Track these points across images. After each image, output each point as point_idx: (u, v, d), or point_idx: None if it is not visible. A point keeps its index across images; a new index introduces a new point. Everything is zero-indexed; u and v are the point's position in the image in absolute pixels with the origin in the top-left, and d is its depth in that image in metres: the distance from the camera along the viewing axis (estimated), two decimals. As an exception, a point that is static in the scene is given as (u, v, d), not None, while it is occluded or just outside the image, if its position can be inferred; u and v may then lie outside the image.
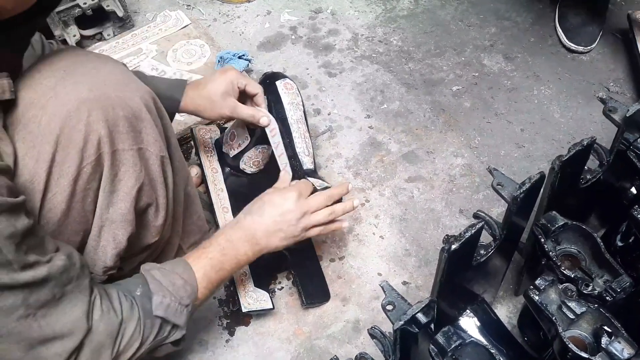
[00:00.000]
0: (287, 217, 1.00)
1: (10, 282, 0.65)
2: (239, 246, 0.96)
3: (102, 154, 0.79)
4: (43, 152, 0.75)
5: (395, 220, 1.33)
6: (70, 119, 0.76)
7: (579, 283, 0.86)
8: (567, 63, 1.65)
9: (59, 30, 1.60)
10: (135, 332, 0.80)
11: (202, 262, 0.91)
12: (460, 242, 0.79)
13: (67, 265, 0.73)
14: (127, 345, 0.79)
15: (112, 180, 0.82)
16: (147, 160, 0.85)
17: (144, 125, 0.83)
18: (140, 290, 0.83)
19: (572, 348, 0.78)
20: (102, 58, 0.85)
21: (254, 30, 1.76)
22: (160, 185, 0.88)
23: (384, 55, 1.69)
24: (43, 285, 0.69)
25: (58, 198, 0.78)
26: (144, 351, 0.82)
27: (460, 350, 0.82)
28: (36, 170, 0.75)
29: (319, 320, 1.18)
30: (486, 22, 1.77)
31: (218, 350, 1.14)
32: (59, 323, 0.71)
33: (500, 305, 1.18)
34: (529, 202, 0.92)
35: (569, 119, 1.52)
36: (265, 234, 0.99)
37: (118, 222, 0.84)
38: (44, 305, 0.70)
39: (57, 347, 0.72)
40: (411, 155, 1.45)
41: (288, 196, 1.01)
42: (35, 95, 0.76)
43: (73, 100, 0.76)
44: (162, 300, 0.83)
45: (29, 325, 0.69)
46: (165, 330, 0.85)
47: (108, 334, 0.77)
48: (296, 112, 1.20)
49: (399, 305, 0.77)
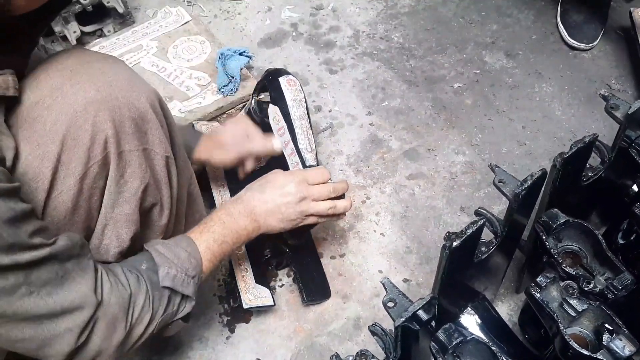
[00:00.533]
0: (286, 199, 1.00)
1: (11, 263, 0.65)
2: (239, 220, 0.97)
3: (108, 154, 0.79)
4: (48, 151, 0.75)
5: (396, 218, 1.33)
6: (77, 119, 0.76)
7: (580, 280, 0.86)
8: (569, 60, 1.64)
9: (59, 27, 1.60)
10: (145, 305, 0.80)
11: (204, 236, 0.92)
12: (462, 239, 0.79)
13: (68, 245, 0.73)
14: (139, 318, 0.79)
15: (118, 182, 0.82)
16: (152, 160, 0.85)
17: (149, 126, 0.83)
18: (145, 264, 0.84)
19: (574, 345, 0.78)
20: (108, 59, 0.85)
21: (254, 27, 1.76)
22: (165, 186, 0.88)
23: (385, 52, 1.68)
24: (44, 264, 0.69)
25: (64, 197, 0.78)
26: (155, 326, 0.82)
27: (462, 347, 0.82)
28: (41, 170, 0.75)
29: (320, 317, 1.17)
30: (488, 19, 1.77)
31: (218, 347, 1.14)
32: (67, 299, 0.71)
33: (501, 303, 1.17)
34: (530, 200, 0.92)
35: (571, 116, 1.51)
36: (263, 211, 0.99)
37: (122, 222, 0.84)
38: (47, 284, 0.69)
39: (68, 322, 0.72)
40: (412, 152, 1.45)
41: (292, 179, 1.02)
42: (41, 95, 0.76)
43: (80, 101, 0.76)
44: (168, 272, 0.83)
45: (34, 302, 0.68)
46: (175, 302, 0.85)
47: (120, 306, 0.77)
48: (299, 109, 1.20)
49: (400, 302, 0.77)
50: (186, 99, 1.48)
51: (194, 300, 0.88)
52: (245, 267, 1.16)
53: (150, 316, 0.81)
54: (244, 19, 1.78)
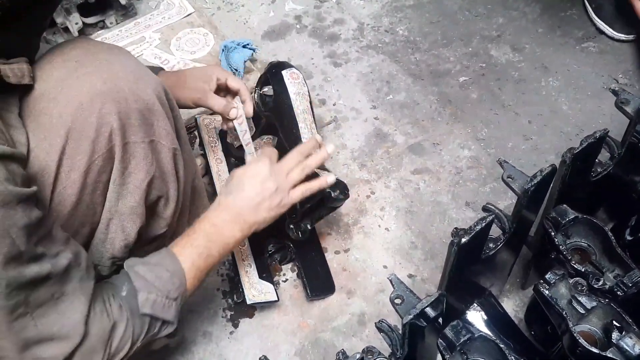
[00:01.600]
0: (267, 185, 0.93)
1: (17, 277, 0.64)
2: (224, 230, 0.91)
3: (113, 147, 0.78)
4: (54, 144, 0.74)
5: (401, 213, 1.32)
6: (83, 111, 0.74)
7: (589, 277, 0.85)
8: (576, 54, 1.62)
9: (61, 18, 1.58)
10: (126, 334, 0.77)
11: (187, 251, 0.86)
12: (471, 236, 0.78)
13: (71, 265, 0.71)
14: (119, 347, 0.76)
15: (122, 173, 0.80)
16: (159, 153, 0.84)
17: (156, 118, 0.82)
18: (125, 289, 0.79)
19: (583, 343, 0.77)
20: (114, 49, 0.83)
21: (258, 19, 1.74)
22: (172, 178, 0.87)
23: (390, 45, 1.67)
24: (44, 284, 0.67)
25: (68, 191, 0.76)
26: (136, 348, 0.79)
27: (469, 344, 0.81)
28: (47, 163, 0.74)
29: (324, 313, 1.17)
30: (494, 12, 1.75)
31: (222, 342, 1.13)
32: (56, 325, 0.69)
33: (506, 299, 1.16)
34: (539, 195, 0.91)
35: (577, 111, 1.50)
36: (251, 209, 0.93)
37: (127, 215, 0.83)
38: (41, 305, 0.68)
39: (54, 349, 0.70)
40: (417, 147, 1.44)
41: (260, 164, 0.96)
42: (46, 87, 0.75)
43: (85, 93, 0.75)
44: (147, 297, 0.79)
45: (25, 324, 0.67)
46: (156, 327, 0.82)
47: (99, 338, 0.74)
48: (302, 102, 1.19)
49: (407, 299, 0.76)
50: (189, 92, 1.46)
51: (175, 324, 0.84)
52: (249, 262, 1.15)
53: (131, 343, 0.78)
54: (247, 11, 1.76)
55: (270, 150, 1.02)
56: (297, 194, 0.98)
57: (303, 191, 0.99)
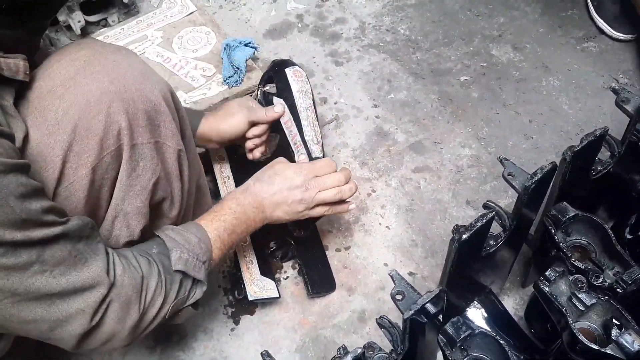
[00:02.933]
0: (294, 192, 0.99)
1: (24, 239, 0.64)
2: (248, 211, 0.96)
3: (121, 146, 0.79)
4: (60, 140, 0.74)
5: (401, 211, 1.32)
6: (91, 109, 0.75)
7: (589, 274, 0.85)
8: (576, 54, 1.63)
9: (63, 16, 1.59)
10: (158, 288, 0.79)
11: (214, 225, 0.91)
12: (471, 232, 0.78)
13: (80, 225, 0.72)
14: (152, 301, 0.79)
15: (130, 175, 0.81)
16: (164, 154, 0.85)
17: (162, 119, 0.82)
18: (156, 249, 0.83)
19: (583, 340, 0.78)
20: (121, 50, 0.84)
21: (260, 18, 1.75)
22: (176, 179, 0.88)
23: (392, 44, 1.67)
24: (58, 242, 0.68)
25: (76, 186, 0.77)
26: (168, 310, 0.81)
27: (470, 340, 0.82)
28: (51, 158, 0.74)
29: (325, 310, 1.17)
30: (495, 12, 1.75)
31: (223, 338, 1.14)
32: (80, 279, 0.71)
33: (507, 297, 1.17)
34: (539, 193, 0.91)
35: (578, 110, 1.50)
36: (271, 203, 0.99)
37: (132, 214, 0.84)
38: (60, 263, 0.69)
39: (80, 302, 0.71)
40: (418, 145, 1.44)
41: (300, 171, 1.01)
42: (53, 85, 0.76)
43: (94, 91, 0.76)
44: (180, 256, 0.83)
45: (47, 281, 0.68)
46: (186, 287, 0.84)
47: (133, 288, 0.76)
48: (305, 100, 1.19)
49: (408, 295, 0.76)
50: (191, 90, 1.47)
51: (205, 285, 0.87)
52: (251, 259, 1.16)
53: (163, 299, 0.80)
54: (249, 10, 1.77)
55: (325, 163, 1.05)
56: (318, 212, 1.04)
57: (325, 211, 1.04)
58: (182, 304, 0.85)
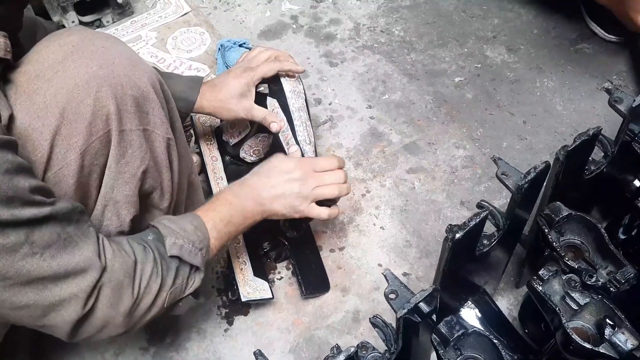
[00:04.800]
0: (291, 185, 0.98)
1: (11, 219, 0.63)
2: (245, 202, 0.95)
3: (110, 131, 0.78)
4: (47, 123, 0.74)
5: (396, 211, 1.32)
6: (79, 92, 0.75)
7: (582, 274, 0.85)
8: (570, 55, 1.63)
9: (57, 16, 1.58)
10: (153, 274, 0.78)
11: (210, 215, 0.90)
12: (465, 231, 0.78)
13: (69, 208, 0.71)
14: (147, 287, 0.78)
15: (119, 161, 0.81)
16: (153, 142, 0.84)
17: (151, 107, 0.82)
18: (151, 236, 0.83)
19: (576, 339, 0.78)
20: (110, 38, 0.84)
21: (254, 19, 1.74)
22: (166, 169, 0.87)
23: (386, 45, 1.67)
24: (46, 224, 0.67)
25: (65, 172, 0.76)
26: (165, 298, 0.80)
27: (463, 340, 0.81)
28: (40, 142, 0.74)
29: (319, 310, 1.17)
30: (489, 14, 1.76)
31: (216, 339, 1.13)
32: (71, 262, 0.70)
33: (500, 297, 1.17)
34: (533, 193, 0.91)
35: (572, 111, 1.51)
36: (270, 195, 0.97)
37: (122, 203, 0.84)
38: (50, 246, 0.68)
39: (73, 286, 0.70)
40: (412, 146, 1.44)
41: (300, 165, 1.00)
42: (41, 68, 0.75)
43: (82, 75, 0.75)
44: (175, 241, 0.82)
45: (37, 264, 0.67)
46: (184, 275, 0.83)
47: (125, 272, 0.75)
48: (298, 100, 1.19)
49: (401, 294, 0.76)
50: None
51: (202, 272, 0.86)
52: (244, 259, 1.15)
53: (159, 286, 0.79)
54: (243, 11, 1.76)
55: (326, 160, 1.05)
56: (315, 212, 1.02)
57: (320, 212, 1.03)
58: (180, 293, 0.84)
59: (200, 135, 1.33)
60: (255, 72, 1.15)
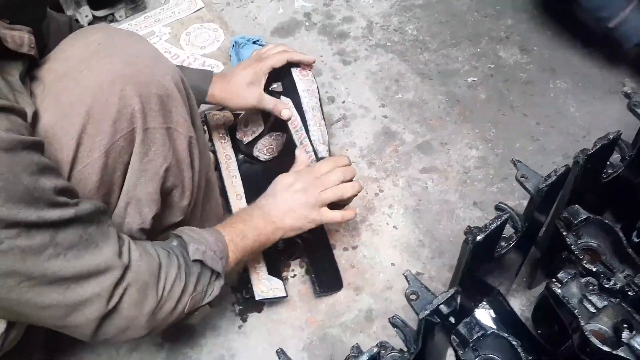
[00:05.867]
0: (296, 197, 1.01)
1: (37, 220, 0.64)
2: (257, 222, 0.99)
3: (135, 129, 0.79)
4: (74, 122, 0.75)
5: (408, 211, 1.32)
6: (103, 92, 0.75)
7: (600, 277, 0.85)
8: (584, 58, 1.63)
9: (71, 11, 1.58)
10: (177, 277, 0.80)
11: (227, 229, 0.93)
12: (486, 234, 0.79)
13: (92, 209, 0.72)
14: (171, 290, 0.79)
15: (142, 159, 0.81)
16: (175, 140, 0.85)
17: (174, 105, 0.83)
18: (175, 242, 0.85)
19: (595, 342, 0.78)
20: (134, 35, 0.85)
21: (267, 16, 1.74)
22: (187, 167, 0.88)
23: (399, 44, 1.67)
24: (70, 226, 0.68)
25: (89, 170, 0.77)
26: (187, 302, 0.82)
27: (481, 341, 0.82)
28: (66, 141, 0.75)
29: (332, 309, 1.17)
30: (502, 14, 1.76)
31: (230, 336, 1.14)
32: (93, 262, 0.71)
33: (513, 298, 1.17)
34: (551, 196, 0.91)
35: (585, 113, 1.51)
36: (278, 212, 1.00)
37: (144, 201, 0.84)
38: (73, 246, 0.69)
39: (95, 286, 0.71)
40: (425, 145, 1.45)
41: (298, 176, 1.04)
42: (67, 67, 0.76)
43: (107, 73, 0.76)
44: (197, 247, 0.84)
45: (61, 265, 0.68)
46: (205, 280, 0.85)
47: (150, 273, 0.77)
48: (311, 99, 1.19)
49: (422, 295, 0.77)
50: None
51: (223, 279, 0.88)
52: (258, 258, 1.16)
53: (182, 290, 0.81)
54: (256, 7, 1.76)
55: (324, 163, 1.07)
56: (330, 217, 1.05)
57: (333, 216, 1.05)
58: (200, 300, 0.85)
59: (214, 133, 1.33)
60: (265, 62, 1.17)
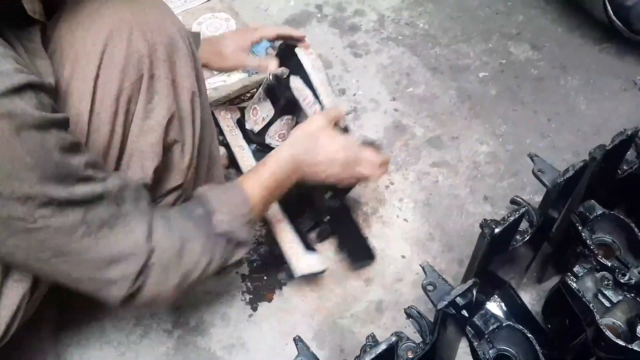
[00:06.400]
0: (332, 167, 1.00)
1: (69, 197, 0.65)
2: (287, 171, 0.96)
3: (142, 76, 0.80)
4: (88, 71, 0.76)
5: (419, 205, 1.33)
6: (113, 38, 0.77)
7: (615, 272, 0.86)
8: (595, 55, 1.63)
9: None
10: (203, 252, 0.80)
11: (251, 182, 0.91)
12: (504, 227, 0.79)
13: (121, 185, 0.72)
14: (196, 264, 0.79)
15: (146, 106, 0.82)
16: (179, 94, 0.85)
17: (178, 57, 0.83)
18: (200, 210, 0.83)
19: (610, 335, 0.79)
20: None
21: (278, 7, 1.74)
22: (189, 124, 0.88)
23: (410, 38, 1.67)
24: (99, 203, 0.69)
25: (102, 117, 0.78)
26: (213, 270, 0.82)
27: (496, 333, 0.82)
28: (83, 90, 0.76)
29: (342, 299, 1.18)
30: (514, 10, 1.76)
31: (241, 325, 1.14)
32: (118, 245, 0.71)
33: (523, 292, 1.17)
34: (567, 190, 0.92)
35: (595, 110, 1.51)
36: (311, 172, 0.99)
37: (146, 153, 0.84)
38: (102, 225, 0.69)
39: (120, 270, 0.72)
40: (436, 140, 1.45)
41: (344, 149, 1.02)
42: (79, 20, 0.78)
43: (115, 20, 0.78)
44: (222, 218, 0.82)
45: (89, 245, 0.68)
46: (230, 247, 0.84)
47: (174, 250, 0.77)
48: (319, 75, 1.18)
49: (440, 286, 0.77)
50: (211, 76, 1.46)
51: (248, 245, 0.88)
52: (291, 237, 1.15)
53: (207, 262, 0.80)
54: (268, -1, 1.76)
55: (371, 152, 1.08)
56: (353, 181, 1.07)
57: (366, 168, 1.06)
58: (225, 263, 0.85)
59: (224, 127, 1.33)
60: (255, 32, 1.19)
